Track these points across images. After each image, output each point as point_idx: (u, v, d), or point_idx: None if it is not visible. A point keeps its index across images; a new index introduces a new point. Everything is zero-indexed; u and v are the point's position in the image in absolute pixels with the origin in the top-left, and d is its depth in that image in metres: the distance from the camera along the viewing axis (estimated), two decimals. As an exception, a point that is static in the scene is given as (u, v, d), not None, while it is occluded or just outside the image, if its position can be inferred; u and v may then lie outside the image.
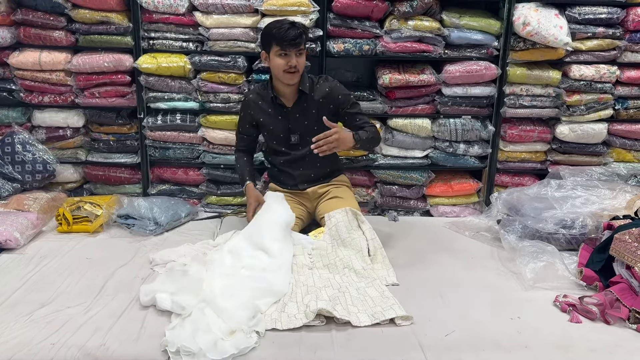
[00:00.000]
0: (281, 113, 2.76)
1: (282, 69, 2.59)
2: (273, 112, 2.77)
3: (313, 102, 2.73)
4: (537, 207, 2.77)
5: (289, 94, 2.73)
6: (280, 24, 2.58)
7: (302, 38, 2.58)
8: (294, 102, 2.74)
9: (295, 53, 2.58)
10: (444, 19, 3.09)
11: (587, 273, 2.36)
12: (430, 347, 1.91)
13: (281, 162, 2.86)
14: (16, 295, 2.20)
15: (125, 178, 3.37)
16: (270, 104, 2.77)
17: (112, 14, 3.04)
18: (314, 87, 2.74)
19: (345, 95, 2.76)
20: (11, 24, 3.09)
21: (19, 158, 3.15)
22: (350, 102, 2.77)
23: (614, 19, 3.08)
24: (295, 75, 2.62)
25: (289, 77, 2.62)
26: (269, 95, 2.76)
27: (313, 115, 2.74)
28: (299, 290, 2.23)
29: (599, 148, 3.31)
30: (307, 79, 2.73)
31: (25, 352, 1.83)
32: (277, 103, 2.75)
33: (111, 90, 3.16)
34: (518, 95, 3.21)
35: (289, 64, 2.57)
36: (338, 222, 2.63)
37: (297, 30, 2.55)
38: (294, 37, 2.54)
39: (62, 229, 2.85)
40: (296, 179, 2.87)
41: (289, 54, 2.57)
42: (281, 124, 2.78)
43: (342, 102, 2.75)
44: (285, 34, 2.54)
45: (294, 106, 2.75)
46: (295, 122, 2.77)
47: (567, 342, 1.97)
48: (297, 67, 2.59)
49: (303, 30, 2.59)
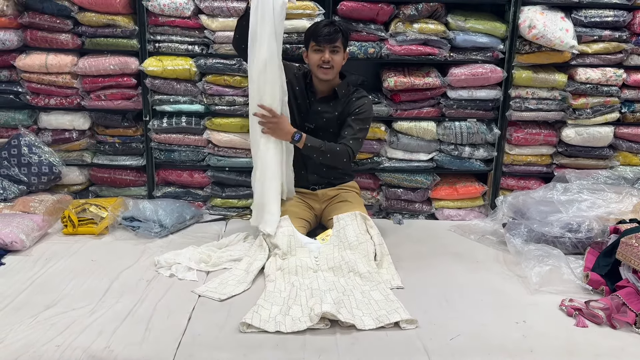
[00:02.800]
0: (308, 98, 2.81)
1: (316, 63, 2.67)
2: (300, 94, 2.81)
3: (339, 106, 2.77)
4: (543, 210, 2.76)
5: (322, 90, 2.79)
6: (319, 22, 2.70)
7: (338, 35, 2.64)
8: (323, 96, 2.80)
9: (330, 49, 2.64)
10: (449, 22, 3.08)
11: (593, 277, 2.35)
12: (435, 351, 1.91)
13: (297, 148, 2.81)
14: (21, 297, 2.21)
15: (130, 180, 3.38)
16: (303, 88, 2.82)
17: (118, 17, 3.05)
18: (348, 95, 2.79)
19: (364, 111, 2.75)
20: (18, 27, 3.10)
21: (25, 160, 3.17)
22: (359, 115, 2.74)
23: (620, 22, 3.07)
24: (328, 71, 2.68)
25: (322, 72, 2.68)
26: (304, 81, 2.82)
27: (333, 116, 2.77)
28: (303, 294, 2.22)
29: (605, 151, 3.30)
30: (345, 86, 2.79)
31: (30, 353, 1.83)
32: (309, 90, 2.81)
33: (117, 93, 3.17)
34: (524, 98, 3.20)
35: (322, 58, 2.64)
36: (346, 225, 2.63)
37: (332, 28, 2.63)
38: (328, 33, 2.62)
39: (67, 231, 2.86)
40: (308, 169, 2.86)
41: (323, 49, 2.64)
42: (303, 109, 2.81)
43: (355, 111, 2.74)
44: (321, 30, 2.63)
45: (321, 100, 2.79)
46: (315, 114, 2.79)
47: (573, 346, 1.97)
48: (331, 63, 2.65)
49: (340, 29, 2.66)
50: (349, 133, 2.73)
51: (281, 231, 2.58)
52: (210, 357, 1.87)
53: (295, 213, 2.76)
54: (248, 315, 2.06)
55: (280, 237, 2.55)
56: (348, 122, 2.75)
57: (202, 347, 1.92)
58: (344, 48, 2.72)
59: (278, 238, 2.55)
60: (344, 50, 2.72)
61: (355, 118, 2.75)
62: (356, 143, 2.74)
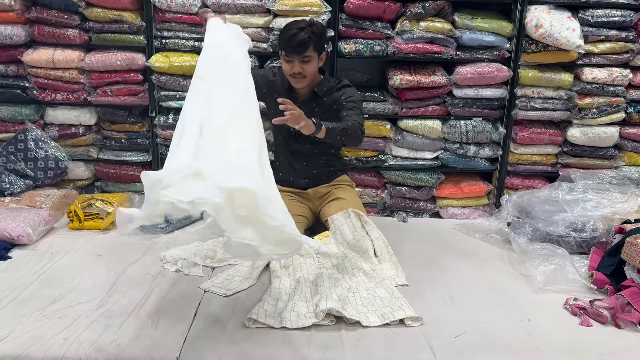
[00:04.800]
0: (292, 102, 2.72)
1: (288, 73, 2.58)
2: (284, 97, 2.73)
3: (324, 106, 2.70)
4: (548, 209, 2.77)
5: (303, 92, 2.71)
6: (289, 27, 2.52)
7: (308, 44, 2.48)
8: (306, 98, 2.71)
9: (299, 60, 2.51)
10: (456, 20, 3.08)
11: (598, 276, 2.35)
12: (440, 349, 1.91)
13: (286, 152, 2.81)
14: (29, 290, 2.22)
15: (136, 176, 3.38)
16: (286, 92, 2.70)
17: (126, 13, 3.06)
18: (329, 92, 2.70)
19: (350, 96, 2.65)
20: (25, 22, 3.11)
21: (32, 155, 3.18)
22: (349, 101, 2.64)
23: (627, 21, 3.06)
24: (300, 80, 2.59)
25: (294, 81, 2.61)
26: (285, 84, 2.71)
27: (316, 113, 2.65)
28: (308, 290, 2.23)
29: (610, 151, 3.30)
30: (325, 83, 2.70)
31: (37, 346, 1.85)
32: (291, 94, 2.70)
33: (123, 89, 3.18)
34: (529, 97, 3.20)
35: (293, 70, 2.55)
36: (341, 225, 2.62)
37: (302, 37, 2.46)
38: (296, 45, 2.47)
39: (73, 225, 2.87)
40: (297, 172, 2.82)
41: (293, 60, 2.52)
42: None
43: (341, 99, 2.66)
44: (288, 40, 2.48)
45: (305, 102, 2.69)
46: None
47: (577, 345, 1.97)
48: (303, 73, 2.55)
49: (311, 36, 2.48)
50: (348, 114, 2.58)
51: None
52: (216, 352, 1.87)
53: (290, 209, 2.72)
54: (254, 310, 2.07)
55: None
56: (343, 111, 2.62)
57: (207, 342, 1.93)
58: (318, 52, 2.56)
59: None
60: (319, 54, 2.57)
61: (346, 104, 2.63)
62: (361, 119, 2.59)
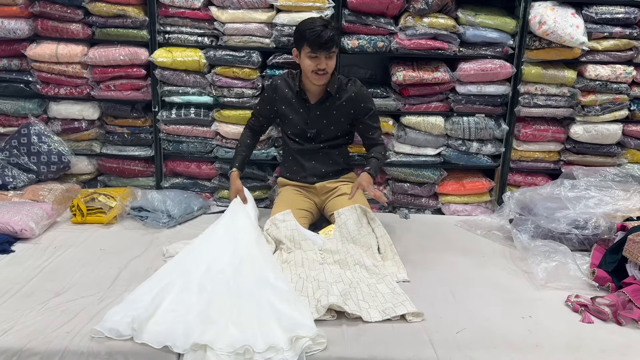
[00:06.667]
0: (303, 107, 2.79)
1: (311, 69, 2.62)
2: (296, 103, 2.80)
3: (336, 104, 2.76)
4: (550, 207, 2.77)
5: (315, 91, 2.76)
6: (313, 24, 2.58)
7: (334, 41, 2.57)
8: (317, 100, 2.77)
9: (326, 56, 2.58)
10: (459, 16, 3.08)
11: (600, 274, 2.35)
12: (441, 344, 1.92)
13: (295, 150, 2.88)
14: (31, 284, 2.24)
15: (139, 171, 3.39)
16: (295, 95, 2.79)
17: (129, 8, 3.06)
18: (341, 89, 2.77)
19: (368, 105, 2.82)
20: (29, 16, 3.11)
21: (35, 149, 3.18)
22: (370, 112, 2.82)
23: (631, 18, 3.05)
24: (323, 77, 2.65)
25: (317, 78, 2.65)
26: (295, 87, 2.78)
27: (333, 115, 2.78)
28: (310, 285, 2.23)
29: (613, 149, 3.29)
30: (336, 80, 2.76)
31: (40, 339, 1.86)
32: (301, 97, 2.78)
33: (126, 84, 3.18)
34: (533, 94, 3.19)
35: (318, 66, 2.60)
36: (347, 220, 2.63)
37: (329, 34, 2.54)
38: (325, 42, 2.54)
39: (76, 220, 2.88)
40: (307, 171, 2.88)
41: (319, 56, 2.58)
42: (301, 117, 2.80)
43: (363, 110, 2.80)
44: (318, 37, 2.53)
45: (317, 104, 2.77)
46: (315, 119, 2.79)
47: (579, 342, 1.97)
48: (327, 69, 2.62)
49: (336, 32, 2.59)
50: (374, 133, 2.86)
51: (284, 225, 2.58)
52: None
53: (296, 203, 2.78)
54: (255, 305, 2.07)
55: (283, 231, 2.56)
56: (367, 123, 2.82)
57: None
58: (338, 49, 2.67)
59: (281, 233, 2.55)
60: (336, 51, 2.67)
61: (369, 116, 2.82)
62: (381, 131, 2.92)
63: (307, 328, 1.88)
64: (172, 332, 1.88)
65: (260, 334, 1.87)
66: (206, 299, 2.04)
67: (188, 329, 1.88)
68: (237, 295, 2.07)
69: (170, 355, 1.83)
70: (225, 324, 1.91)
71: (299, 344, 1.83)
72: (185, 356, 1.81)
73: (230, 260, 2.27)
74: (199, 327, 1.89)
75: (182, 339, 1.84)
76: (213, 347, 1.81)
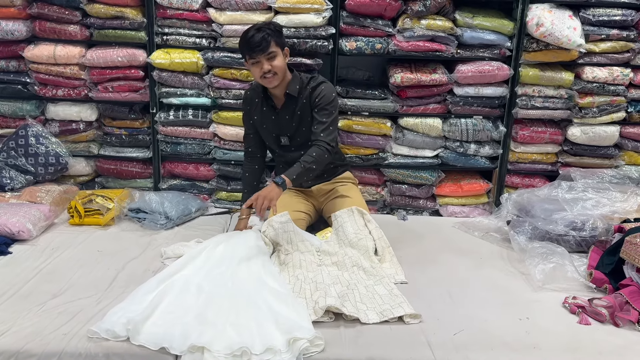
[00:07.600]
0: (273, 113, 2.73)
1: (259, 75, 2.55)
2: (266, 111, 2.74)
3: (299, 104, 2.68)
4: (548, 208, 2.76)
5: (279, 95, 2.69)
6: (246, 32, 2.52)
7: (269, 40, 2.47)
8: (282, 104, 2.70)
9: (265, 57, 2.49)
10: (457, 18, 3.09)
11: (597, 275, 2.35)
12: (439, 346, 1.92)
13: (282, 161, 2.84)
14: (29, 285, 2.23)
15: (136, 172, 3.39)
16: (264, 103, 2.73)
17: (127, 9, 3.06)
18: (302, 89, 2.67)
19: (322, 97, 2.62)
20: (27, 18, 3.12)
21: (32, 150, 3.18)
22: (321, 105, 2.63)
23: (629, 21, 3.06)
24: (273, 79, 2.55)
25: (267, 81, 2.57)
26: (263, 98, 2.72)
27: (299, 117, 2.68)
28: (307, 287, 2.23)
29: (610, 151, 3.30)
30: (297, 81, 2.66)
31: (37, 341, 1.85)
32: (269, 104, 2.72)
33: (124, 85, 3.18)
34: (530, 96, 3.20)
35: (262, 70, 2.52)
36: (344, 222, 2.63)
37: (260, 35, 2.46)
38: (258, 43, 2.46)
39: (73, 221, 2.87)
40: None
41: (260, 60, 2.50)
42: (272, 124, 2.74)
43: (315, 103, 2.64)
44: (249, 42, 2.47)
45: (283, 108, 2.70)
46: (285, 124, 2.72)
47: (576, 343, 1.97)
48: (273, 70, 2.52)
49: (270, 32, 2.49)
50: (318, 128, 2.62)
51: (281, 227, 2.58)
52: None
53: (293, 205, 2.76)
54: (253, 307, 2.07)
55: (280, 233, 2.56)
56: (314, 117, 2.64)
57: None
58: (281, 47, 2.55)
59: (279, 235, 2.55)
60: (282, 49, 2.55)
61: (318, 110, 2.63)
62: (329, 133, 2.61)
63: (305, 330, 1.88)
64: (170, 333, 1.88)
65: (257, 336, 1.87)
66: (204, 300, 2.05)
67: (185, 331, 1.88)
68: (234, 297, 2.08)
69: (168, 357, 1.83)
70: (222, 326, 1.91)
71: (297, 345, 1.83)
72: (183, 358, 1.81)
73: (228, 262, 2.30)
74: (197, 328, 1.89)
75: (180, 340, 1.84)
76: (210, 349, 1.81)
